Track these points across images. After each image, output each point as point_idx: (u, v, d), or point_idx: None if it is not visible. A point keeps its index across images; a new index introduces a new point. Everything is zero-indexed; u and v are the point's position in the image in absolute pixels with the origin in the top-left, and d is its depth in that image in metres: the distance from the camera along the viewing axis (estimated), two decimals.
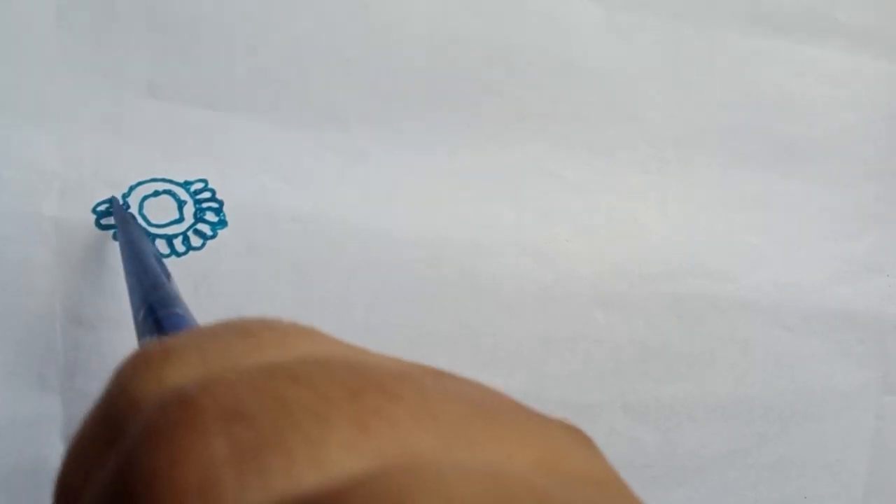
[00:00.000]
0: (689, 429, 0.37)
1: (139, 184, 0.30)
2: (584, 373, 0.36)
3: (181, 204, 0.30)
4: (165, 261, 0.30)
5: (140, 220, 0.30)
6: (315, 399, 0.10)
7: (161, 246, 0.30)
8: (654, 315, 0.37)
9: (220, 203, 0.31)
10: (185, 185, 0.30)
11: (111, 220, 0.30)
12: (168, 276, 0.25)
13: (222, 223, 0.31)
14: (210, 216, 0.31)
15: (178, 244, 0.30)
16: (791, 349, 0.38)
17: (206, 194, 0.30)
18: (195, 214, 0.30)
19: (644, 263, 0.36)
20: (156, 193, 0.30)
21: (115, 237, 0.30)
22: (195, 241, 0.30)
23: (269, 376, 0.10)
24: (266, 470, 0.09)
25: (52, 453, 0.30)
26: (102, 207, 0.30)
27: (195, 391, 0.10)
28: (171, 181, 0.30)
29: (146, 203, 0.30)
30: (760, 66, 0.37)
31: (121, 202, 0.30)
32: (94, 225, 0.29)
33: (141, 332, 0.21)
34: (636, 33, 0.34)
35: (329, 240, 0.32)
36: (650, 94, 0.35)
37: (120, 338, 0.30)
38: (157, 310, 0.21)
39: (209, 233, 0.31)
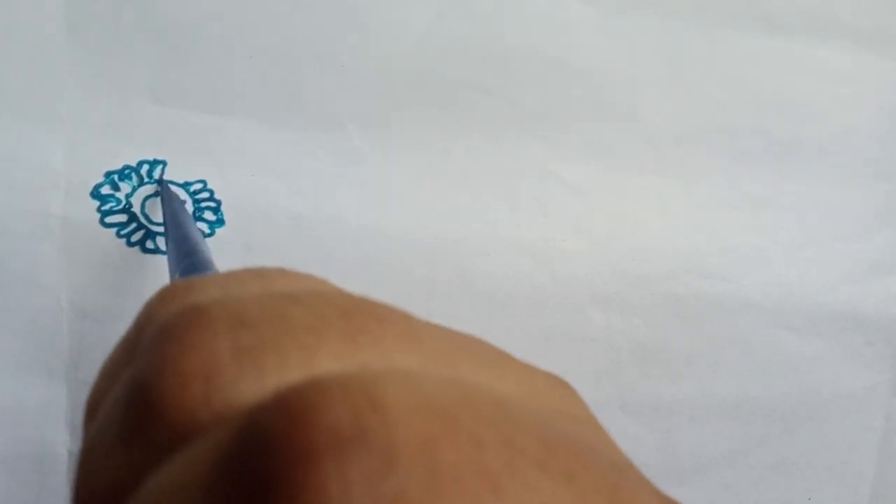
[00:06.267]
0: (689, 429, 0.37)
1: (141, 184, 0.31)
2: (581, 372, 0.36)
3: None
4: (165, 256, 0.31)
5: (142, 219, 0.31)
6: (310, 315, 0.11)
7: (161, 243, 0.32)
8: (654, 315, 0.36)
9: (218, 203, 0.32)
10: (185, 185, 0.32)
11: (115, 219, 0.31)
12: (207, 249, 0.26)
13: (220, 222, 0.32)
14: (208, 215, 0.32)
15: None
16: (795, 350, 0.38)
17: (205, 194, 0.32)
18: (194, 213, 0.32)
19: (643, 263, 0.36)
20: (157, 193, 0.32)
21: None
22: None
23: (273, 297, 0.11)
24: (262, 366, 0.10)
25: (58, 440, 0.32)
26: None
27: (208, 304, 0.11)
28: (171, 182, 0.32)
29: (148, 202, 0.32)
30: (760, 66, 0.36)
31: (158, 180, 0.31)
32: (98, 223, 0.31)
33: None
34: (635, 33, 0.35)
35: (324, 239, 0.33)
36: (649, 94, 0.35)
37: (122, 330, 0.31)
38: (190, 273, 0.22)
39: (207, 231, 0.32)
